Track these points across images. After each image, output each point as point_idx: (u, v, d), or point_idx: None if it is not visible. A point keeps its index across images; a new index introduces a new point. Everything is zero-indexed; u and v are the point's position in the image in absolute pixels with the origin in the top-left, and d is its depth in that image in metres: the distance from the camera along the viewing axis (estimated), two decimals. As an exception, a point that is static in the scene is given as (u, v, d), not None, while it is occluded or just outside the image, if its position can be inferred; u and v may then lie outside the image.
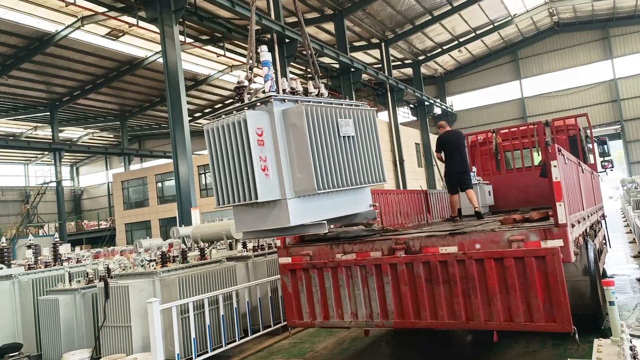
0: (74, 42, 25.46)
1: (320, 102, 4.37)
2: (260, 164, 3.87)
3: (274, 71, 4.48)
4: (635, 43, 35.18)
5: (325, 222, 4.29)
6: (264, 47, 4.51)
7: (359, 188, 4.70)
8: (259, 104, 4.11)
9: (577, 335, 4.14)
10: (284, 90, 4.35)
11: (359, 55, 31.60)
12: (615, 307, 3.46)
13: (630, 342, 2.55)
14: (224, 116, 4.16)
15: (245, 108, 4.07)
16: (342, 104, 4.62)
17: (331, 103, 4.49)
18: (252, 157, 3.84)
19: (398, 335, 7.07)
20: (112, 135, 44.67)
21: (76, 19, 23.30)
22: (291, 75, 22.57)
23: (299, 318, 5.70)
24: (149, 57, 28.91)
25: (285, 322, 6.30)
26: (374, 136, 4.80)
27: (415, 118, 37.96)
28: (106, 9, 21.02)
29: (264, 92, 4.26)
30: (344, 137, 4.37)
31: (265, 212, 4.08)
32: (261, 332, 7.51)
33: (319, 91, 4.66)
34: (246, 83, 4.28)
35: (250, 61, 4.59)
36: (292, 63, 21.67)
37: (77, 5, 21.05)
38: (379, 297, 5.14)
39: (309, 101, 4.26)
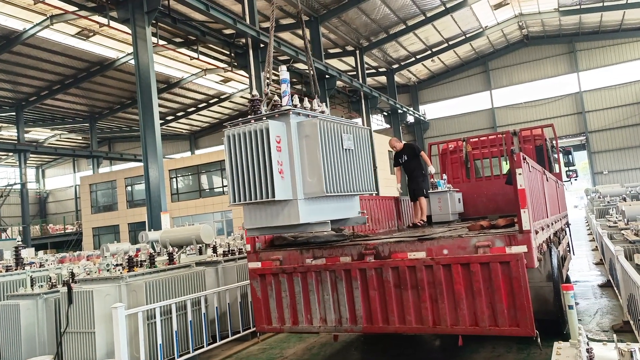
0: (42, 40, 24.84)
1: (328, 119, 4.94)
2: (277, 167, 4.43)
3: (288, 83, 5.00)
4: (600, 58, 36.50)
5: (329, 221, 4.87)
6: (284, 67, 5.08)
7: (352, 196, 5.27)
8: (277, 115, 4.66)
9: (539, 340, 4.24)
10: (295, 105, 4.84)
11: (334, 63, 31.80)
12: (574, 311, 3.56)
13: (587, 344, 2.63)
14: (242, 125, 4.71)
15: (264, 118, 4.62)
16: (342, 122, 5.15)
17: (335, 120, 5.06)
18: (271, 161, 4.40)
19: (367, 341, 7.10)
20: (80, 137, 43.64)
21: (45, 17, 22.75)
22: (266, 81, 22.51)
23: (268, 323, 5.66)
24: (120, 58, 28.43)
25: (255, 328, 6.25)
26: (368, 151, 5.40)
27: (388, 126, 38.38)
28: (76, 8, 20.59)
29: (280, 105, 4.80)
30: (346, 149, 4.99)
31: (277, 210, 4.60)
32: (230, 338, 7.42)
33: (321, 109, 5.14)
34: (259, 97, 4.88)
35: (267, 80, 5.24)
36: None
37: (46, 4, 20.57)
38: (348, 302, 5.16)
39: (317, 116, 4.82)
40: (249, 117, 4.75)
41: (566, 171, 12.19)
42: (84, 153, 38.89)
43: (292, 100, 4.77)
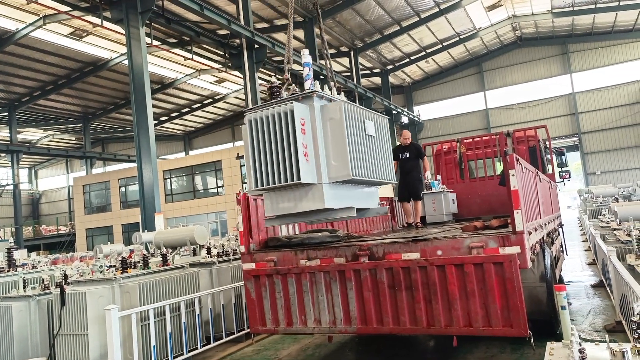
0: (35, 41, 24.69)
1: (352, 103, 4.83)
2: (302, 149, 4.33)
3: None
4: (593, 59, 36.74)
5: (354, 207, 4.71)
6: (306, 51, 5.06)
7: (373, 184, 5.15)
8: (300, 98, 4.57)
9: (532, 340, 4.26)
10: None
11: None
12: (567, 312, 3.58)
13: (580, 344, 2.64)
14: (263, 109, 4.58)
15: (287, 102, 4.50)
16: (364, 108, 5.03)
17: (355, 105, 4.90)
18: (297, 143, 4.30)
19: (362, 342, 7.10)
20: (73, 138, 43.40)
21: (38, 17, 22.62)
22: (260, 81, 22.50)
23: (262, 324, 5.66)
24: (114, 58, 28.31)
25: (249, 329, 6.24)
26: (388, 141, 5.28)
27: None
28: (70, 8, 20.49)
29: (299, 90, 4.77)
30: (369, 135, 4.86)
31: (301, 195, 4.51)
32: (224, 340, 7.40)
33: (341, 98, 5.08)
34: (277, 83, 4.81)
35: (288, 65, 5.19)
36: (260, 69, 21.62)
37: (39, 4, 20.46)
38: (342, 303, 5.16)
39: (340, 100, 4.77)
40: (271, 101, 4.65)
41: (559, 172, 12.26)
42: (77, 154, 38.69)
43: (314, 85, 4.70)
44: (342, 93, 5.16)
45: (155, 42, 22.68)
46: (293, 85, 4.89)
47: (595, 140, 36.51)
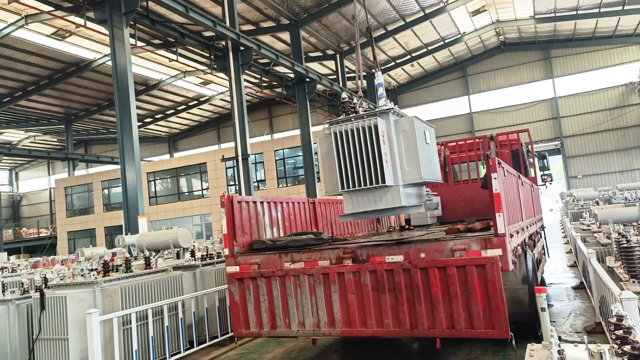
0: (16, 40, 24.28)
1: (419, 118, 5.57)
2: (385, 158, 5.06)
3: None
4: (574, 64, 37.37)
5: (423, 204, 5.54)
6: (379, 73, 5.90)
7: (422, 184, 5.72)
8: (378, 114, 5.31)
9: (514, 341, 4.31)
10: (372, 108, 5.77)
11: (314, 66, 31.84)
12: (547, 313, 3.62)
13: (559, 346, 2.68)
14: (343, 123, 5.34)
15: (363, 117, 5.30)
16: (424, 121, 5.74)
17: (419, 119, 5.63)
18: (380, 152, 5.04)
19: (346, 344, 7.10)
20: (55, 139, 42.72)
21: (20, 17, 22.24)
22: (246, 83, 22.44)
23: (246, 328, 5.63)
24: (98, 59, 27.97)
25: (233, 333, 6.20)
26: (435, 145, 5.96)
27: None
28: (52, 8, 20.16)
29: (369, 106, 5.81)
30: (427, 143, 5.53)
31: (380, 195, 5.18)
32: (207, 344, 7.35)
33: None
34: (347, 99, 5.62)
35: (359, 81, 6.80)
36: (246, 71, 21.54)
37: (21, 3, 20.10)
38: (326, 305, 5.16)
39: (411, 116, 5.53)
40: (350, 116, 5.40)
41: (541, 175, 12.42)
42: (59, 155, 38.10)
43: (388, 102, 5.46)
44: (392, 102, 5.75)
45: (139, 43, 22.44)
46: (366, 101, 5.61)
47: (577, 144, 37.11)
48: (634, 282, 5.98)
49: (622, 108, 35.90)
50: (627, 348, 2.53)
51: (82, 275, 6.59)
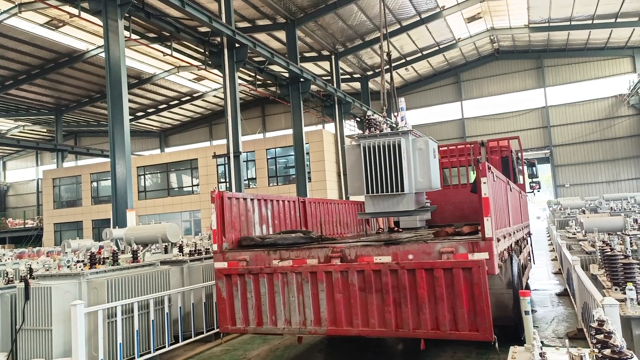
0: (9, 29, 24.01)
1: (429, 137, 6.70)
2: (405, 170, 6.17)
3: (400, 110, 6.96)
4: (566, 74, 37.80)
5: (429, 209, 7.04)
6: (402, 99, 7.22)
7: (423, 192, 6.97)
8: (400, 133, 6.37)
9: (497, 344, 4.36)
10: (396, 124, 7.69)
11: (309, 66, 31.86)
12: (530, 317, 3.68)
13: (541, 349, 2.72)
14: (370, 138, 6.43)
15: (387, 135, 6.40)
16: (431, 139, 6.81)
17: (432, 139, 6.76)
18: (402, 165, 6.18)
19: (331, 343, 7.13)
20: (45, 130, 42.28)
21: (13, 4, 22.00)
22: (240, 81, 22.36)
23: (232, 324, 5.63)
24: (90, 50, 27.72)
25: (219, 329, 6.19)
26: (437, 159, 7.09)
27: (361, 131, 38.64)
28: (47, -3, 19.98)
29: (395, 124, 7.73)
30: (434, 157, 6.59)
31: (397, 200, 6.31)
32: (193, 339, 7.33)
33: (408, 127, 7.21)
34: (373, 118, 7.10)
35: (385, 107, 8.17)
36: (240, 69, 21.49)
37: (14, -9, 19.93)
38: (313, 304, 5.18)
39: (425, 136, 6.63)
40: (376, 132, 6.61)
41: (530, 182, 12.54)
42: (49, 146, 37.71)
43: (407, 125, 6.69)
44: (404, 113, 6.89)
45: (133, 36, 22.26)
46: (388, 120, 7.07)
47: (566, 153, 37.51)
48: (616, 289, 6.06)
49: (611, 119, 36.37)
50: (607, 352, 2.58)
51: (68, 267, 6.53)
